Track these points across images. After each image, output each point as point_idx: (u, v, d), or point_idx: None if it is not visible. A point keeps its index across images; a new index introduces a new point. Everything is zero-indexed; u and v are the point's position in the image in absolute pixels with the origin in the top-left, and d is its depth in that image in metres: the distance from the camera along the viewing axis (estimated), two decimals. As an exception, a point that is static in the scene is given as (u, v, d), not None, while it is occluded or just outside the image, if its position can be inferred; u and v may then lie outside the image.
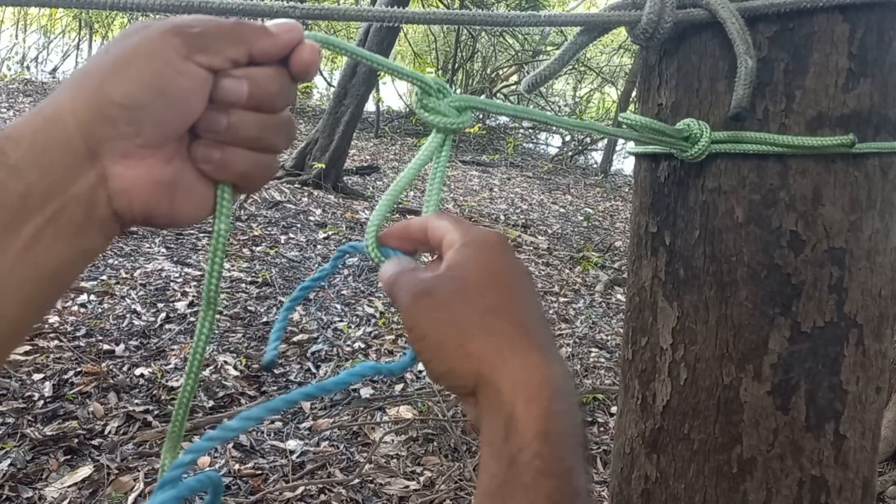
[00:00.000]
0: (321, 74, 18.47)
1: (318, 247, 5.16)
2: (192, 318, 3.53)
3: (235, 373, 3.06)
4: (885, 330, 0.90)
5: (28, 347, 2.89)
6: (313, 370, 3.24)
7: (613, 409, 3.18)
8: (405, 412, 2.94)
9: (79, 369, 2.83)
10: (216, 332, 3.42)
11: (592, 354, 3.92)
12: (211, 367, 3.05)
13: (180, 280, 3.98)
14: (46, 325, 3.11)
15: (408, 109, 16.61)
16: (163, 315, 3.49)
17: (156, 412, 2.65)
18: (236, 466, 2.39)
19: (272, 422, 2.74)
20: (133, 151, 0.42)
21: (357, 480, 2.41)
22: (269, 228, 5.45)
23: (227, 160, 0.46)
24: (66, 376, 2.77)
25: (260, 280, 4.22)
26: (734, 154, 0.86)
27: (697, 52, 0.88)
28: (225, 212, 0.48)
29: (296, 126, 0.51)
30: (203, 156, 0.46)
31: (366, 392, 3.09)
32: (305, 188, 6.97)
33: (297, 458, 2.52)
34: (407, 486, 2.43)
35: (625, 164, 13.36)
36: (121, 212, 0.43)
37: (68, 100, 0.41)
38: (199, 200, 0.47)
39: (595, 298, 4.98)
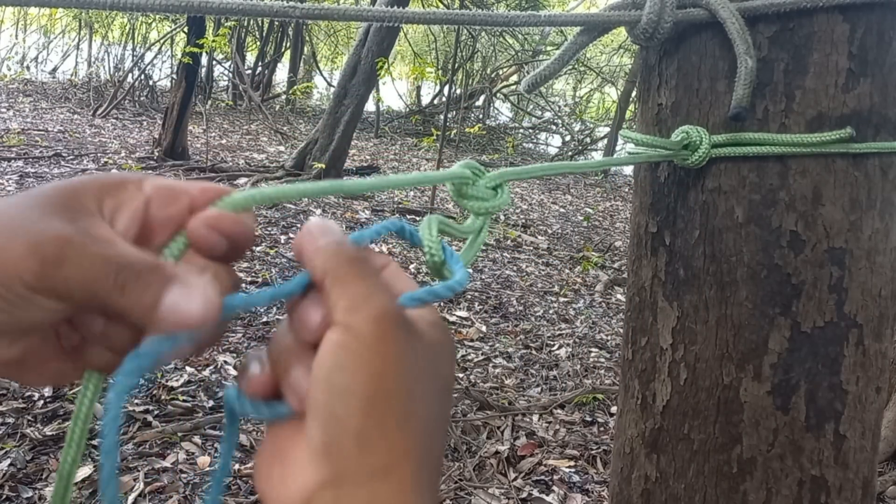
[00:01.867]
0: (321, 74, 18.48)
1: (318, 247, 5.15)
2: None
3: (235, 373, 3.06)
4: (885, 330, 0.90)
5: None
6: (313, 370, 3.24)
7: (613, 409, 3.18)
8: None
9: (79, 369, 2.82)
10: (216, 332, 3.42)
11: (592, 354, 3.92)
12: (211, 367, 3.06)
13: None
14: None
15: (408, 109, 16.61)
16: (163, 315, 3.49)
17: (156, 412, 2.65)
18: (236, 466, 2.39)
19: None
20: None
21: (357, 480, 2.41)
22: (269, 228, 5.45)
23: (86, 354, 0.38)
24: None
25: (260, 280, 4.22)
26: (734, 155, 0.86)
27: (697, 52, 0.88)
28: (87, 401, 0.38)
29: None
30: (64, 334, 0.38)
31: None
32: (305, 188, 6.96)
33: (297, 458, 2.51)
34: (407, 486, 2.43)
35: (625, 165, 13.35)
36: None
37: None
38: (53, 376, 0.39)
39: (595, 298, 4.98)
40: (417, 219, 6.58)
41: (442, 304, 4.36)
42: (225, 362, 3.12)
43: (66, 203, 0.35)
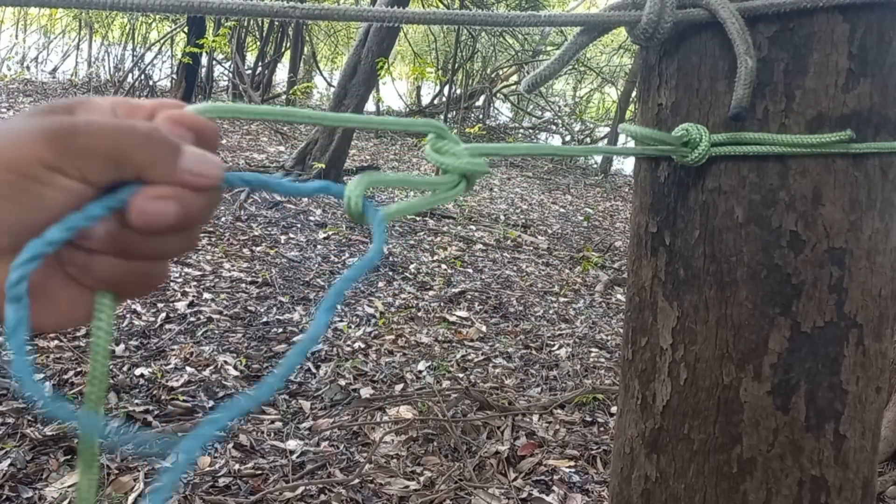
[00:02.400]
0: (321, 74, 18.48)
1: (318, 247, 5.16)
2: (192, 318, 3.53)
3: (235, 373, 3.06)
4: (885, 330, 0.90)
5: (28, 347, 2.89)
6: (313, 370, 3.24)
7: (613, 409, 3.18)
8: (405, 412, 2.94)
9: (79, 369, 2.83)
10: (216, 332, 3.42)
11: (592, 354, 3.92)
12: (211, 368, 3.06)
13: (180, 280, 3.98)
14: (46, 325, 3.11)
15: (408, 109, 16.61)
16: (163, 315, 3.49)
17: (156, 412, 2.65)
18: (236, 466, 2.39)
19: (272, 422, 2.74)
20: None
21: (357, 480, 2.41)
22: (269, 228, 5.45)
23: (94, 267, 0.38)
24: (66, 376, 2.77)
25: (260, 280, 4.22)
26: (734, 154, 0.86)
27: (697, 52, 0.88)
28: (104, 325, 0.39)
29: (198, 235, 0.42)
30: (68, 258, 0.38)
31: (366, 392, 3.09)
32: (305, 188, 6.96)
33: (297, 458, 2.52)
34: (407, 486, 2.43)
35: (625, 164, 13.36)
36: None
37: None
38: (67, 309, 0.39)
39: (595, 298, 4.98)
40: (417, 218, 6.58)
41: (442, 303, 4.36)
42: (225, 362, 3.12)
43: (52, 109, 0.38)
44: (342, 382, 3.15)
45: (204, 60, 10.94)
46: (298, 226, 5.68)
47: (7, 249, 0.36)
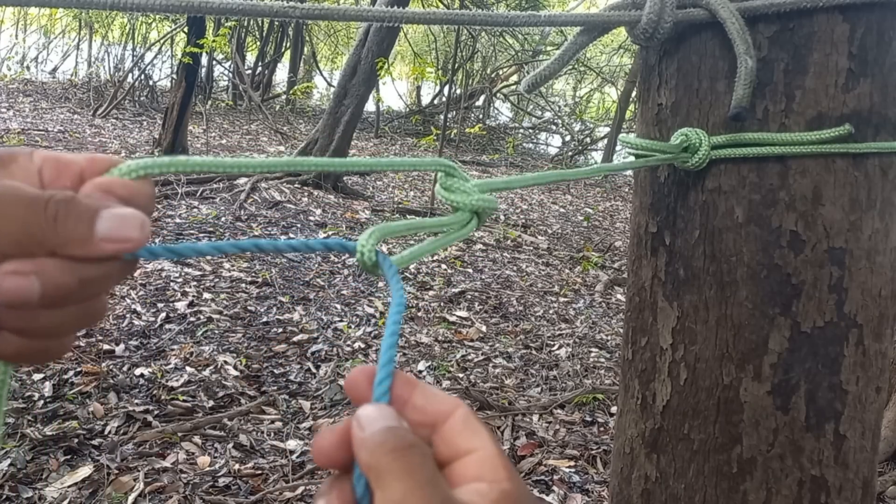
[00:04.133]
0: (321, 74, 18.48)
1: (318, 247, 5.16)
2: (192, 318, 3.53)
3: (235, 373, 3.06)
4: (885, 330, 0.90)
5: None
6: (313, 370, 3.24)
7: (613, 409, 3.18)
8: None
9: (79, 369, 2.83)
10: (216, 332, 3.42)
11: (592, 354, 3.92)
12: (211, 367, 3.05)
13: (180, 280, 3.98)
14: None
15: (408, 109, 16.61)
16: (163, 315, 3.49)
17: (156, 412, 2.65)
18: (236, 466, 2.39)
19: (272, 422, 2.74)
20: None
21: (357, 480, 2.41)
22: (269, 228, 5.45)
23: (13, 351, 0.36)
24: (66, 376, 2.77)
25: (260, 280, 4.22)
26: (734, 156, 0.86)
27: (697, 52, 0.88)
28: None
29: (103, 309, 0.38)
30: None
31: (366, 392, 3.09)
32: (305, 188, 6.98)
33: (297, 458, 2.52)
34: (407, 486, 2.42)
35: (625, 164, 13.34)
36: None
37: None
38: None
39: (595, 298, 4.98)
40: (417, 219, 6.59)
41: (442, 303, 4.36)
42: (225, 362, 3.12)
43: None
44: (342, 382, 3.15)
45: (204, 60, 10.94)
46: (298, 226, 5.68)
47: None
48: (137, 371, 2.92)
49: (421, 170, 0.54)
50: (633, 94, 11.80)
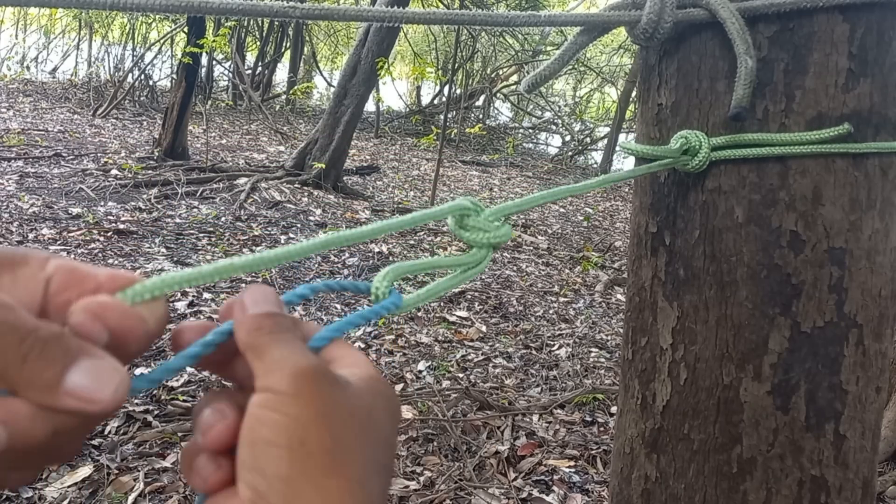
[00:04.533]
0: (321, 74, 18.49)
1: (318, 247, 5.16)
2: (192, 318, 3.52)
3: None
4: (885, 330, 0.90)
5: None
6: (313, 370, 3.24)
7: (613, 409, 3.18)
8: (405, 412, 2.94)
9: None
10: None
11: (592, 354, 3.92)
12: (211, 367, 3.05)
13: (180, 280, 3.98)
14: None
15: (408, 109, 16.61)
16: (163, 315, 3.49)
17: (156, 412, 2.65)
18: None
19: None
20: None
21: (357, 480, 2.41)
22: (269, 228, 5.45)
23: None
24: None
25: (260, 280, 4.22)
26: (734, 157, 0.86)
27: (697, 52, 0.88)
28: None
29: (75, 451, 0.36)
30: None
31: (366, 392, 3.09)
32: (305, 188, 6.98)
33: (297, 458, 2.51)
34: (407, 486, 2.43)
35: (624, 164, 13.38)
36: None
37: None
38: None
39: (595, 298, 4.98)
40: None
41: (442, 303, 4.36)
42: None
43: None
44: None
45: (204, 60, 10.94)
46: (298, 226, 5.68)
47: None
48: (137, 371, 2.92)
49: (439, 218, 0.55)
50: (633, 94, 11.80)
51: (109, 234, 4.69)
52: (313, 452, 0.34)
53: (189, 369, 2.99)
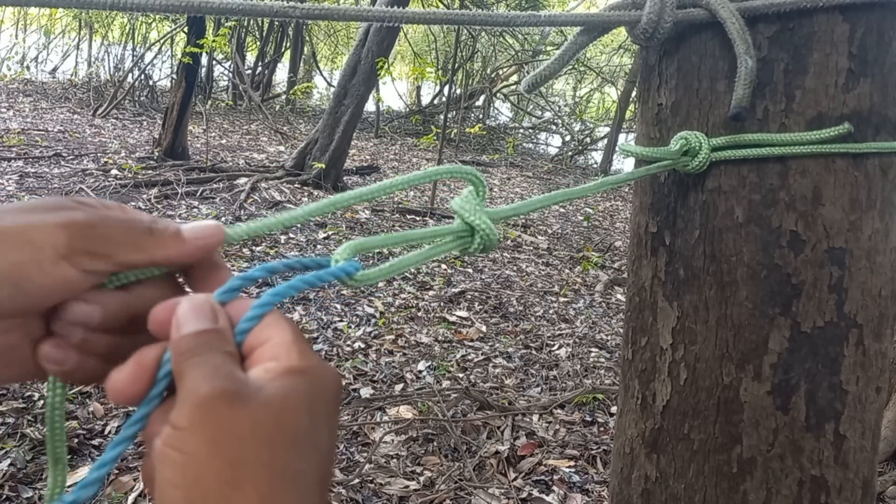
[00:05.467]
0: (321, 74, 18.49)
1: (318, 247, 5.16)
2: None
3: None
4: (885, 330, 0.90)
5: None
6: (313, 370, 3.24)
7: (613, 409, 3.18)
8: (405, 412, 2.94)
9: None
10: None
11: (592, 354, 3.92)
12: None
13: (180, 280, 3.98)
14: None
15: (408, 109, 16.61)
16: (163, 315, 3.49)
17: (156, 412, 2.65)
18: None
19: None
20: None
21: (357, 480, 2.41)
22: (269, 228, 5.44)
23: (73, 365, 0.40)
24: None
25: (260, 280, 4.21)
26: (734, 157, 0.86)
27: (697, 52, 0.88)
28: (57, 407, 0.42)
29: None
30: (47, 354, 0.39)
31: (366, 392, 3.09)
32: (305, 188, 6.98)
33: (297, 458, 2.51)
34: (407, 486, 2.43)
35: (625, 165, 13.37)
36: None
37: None
38: (15, 371, 0.41)
39: (595, 298, 4.98)
40: (417, 219, 6.58)
41: (442, 303, 4.36)
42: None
43: (73, 201, 0.40)
44: (342, 382, 3.14)
45: (204, 60, 10.94)
46: (298, 225, 5.68)
47: None
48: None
49: (445, 176, 0.56)
50: (633, 94, 11.80)
51: (109, 234, 4.68)
52: (209, 490, 0.34)
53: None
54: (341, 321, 3.84)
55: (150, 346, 0.39)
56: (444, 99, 14.92)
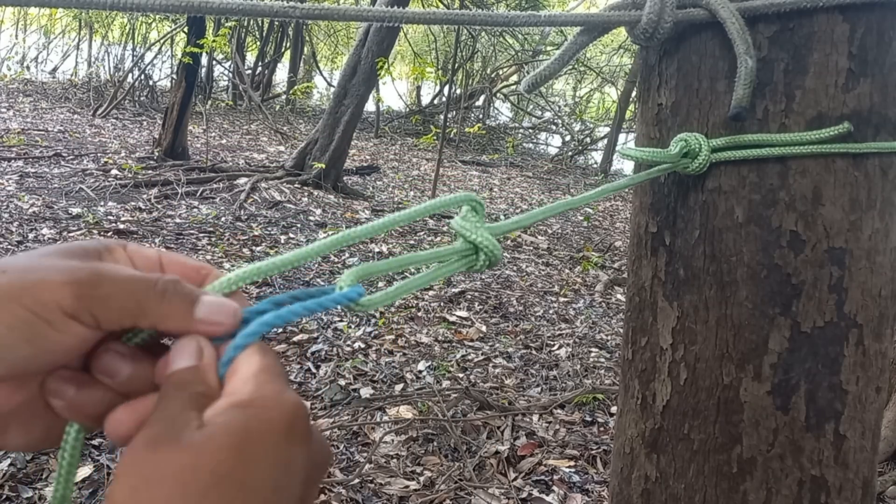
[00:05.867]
0: (321, 74, 18.49)
1: (318, 247, 5.16)
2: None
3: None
4: (885, 330, 0.90)
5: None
6: (313, 370, 3.24)
7: (613, 409, 3.18)
8: (405, 412, 2.94)
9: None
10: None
11: (592, 354, 3.92)
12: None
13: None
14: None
15: (408, 109, 16.61)
16: (163, 315, 3.49)
17: (156, 412, 2.65)
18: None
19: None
20: None
21: (357, 480, 2.41)
22: (269, 228, 5.45)
23: (83, 401, 0.39)
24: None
25: (260, 280, 4.22)
26: (734, 158, 0.86)
27: (697, 52, 0.88)
28: (69, 456, 0.39)
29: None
30: (54, 390, 0.39)
31: (366, 392, 3.09)
32: (305, 188, 6.98)
33: (297, 458, 2.51)
34: (407, 486, 2.43)
35: (625, 164, 13.37)
36: None
37: None
38: (38, 433, 0.40)
39: (595, 298, 4.98)
40: (417, 219, 6.59)
41: (442, 303, 4.36)
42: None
43: (82, 251, 0.39)
44: (342, 382, 3.15)
45: (204, 60, 10.94)
46: (298, 226, 5.67)
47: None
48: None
49: (448, 207, 0.56)
50: (633, 94, 11.80)
51: (109, 234, 4.69)
52: None
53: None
54: (341, 321, 3.84)
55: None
56: (444, 99, 14.92)
